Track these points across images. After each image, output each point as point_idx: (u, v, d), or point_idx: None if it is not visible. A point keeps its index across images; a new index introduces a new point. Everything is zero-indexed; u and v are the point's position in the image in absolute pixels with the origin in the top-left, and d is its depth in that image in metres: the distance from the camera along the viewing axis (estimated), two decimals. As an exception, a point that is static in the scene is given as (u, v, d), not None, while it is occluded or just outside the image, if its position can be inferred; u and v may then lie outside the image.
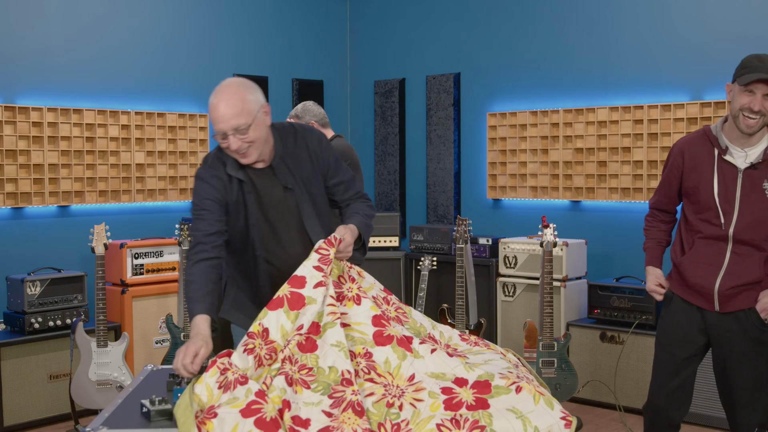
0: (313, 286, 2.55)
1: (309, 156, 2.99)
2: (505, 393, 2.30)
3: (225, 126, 2.72)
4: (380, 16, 6.96)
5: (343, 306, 2.59)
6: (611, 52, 5.63)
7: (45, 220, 5.38)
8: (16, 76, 5.23)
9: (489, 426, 2.20)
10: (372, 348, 2.48)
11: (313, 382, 2.34)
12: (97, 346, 4.57)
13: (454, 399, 2.29)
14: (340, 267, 2.69)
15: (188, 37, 6.07)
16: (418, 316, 2.74)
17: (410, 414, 2.25)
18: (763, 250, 3.16)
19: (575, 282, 5.41)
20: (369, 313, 2.57)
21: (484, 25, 6.30)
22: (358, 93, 7.15)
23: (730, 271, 3.18)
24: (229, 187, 2.88)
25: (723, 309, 3.21)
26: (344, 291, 2.64)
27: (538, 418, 2.21)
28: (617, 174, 5.53)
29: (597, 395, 5.18)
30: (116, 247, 5.24)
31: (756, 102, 3.05)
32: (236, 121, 2.71)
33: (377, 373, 2.42)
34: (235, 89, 2.75)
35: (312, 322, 2.47)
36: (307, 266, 2.59)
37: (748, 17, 5.06)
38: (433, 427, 2.21)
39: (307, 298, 2.52)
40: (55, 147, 5.32)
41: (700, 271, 3.23)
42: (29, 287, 4.85)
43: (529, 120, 5.96)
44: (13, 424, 4.76)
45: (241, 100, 2.73)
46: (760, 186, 3.13)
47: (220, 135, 2.75)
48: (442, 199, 6.57)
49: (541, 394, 2.30)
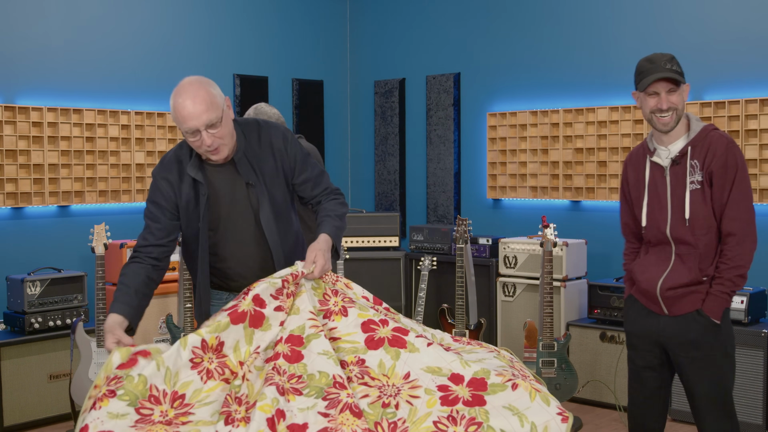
0: (273, 308, 2.53)
1: (272, 154, 2.94)
2: (501, 390, 2.30)
3: (197, 123, 2.69)
4: (380, 16, 6.96)
5: (332, 321, 2.57)
6: (611, 52, 5.63)
7: (45, 220, 5.38)
8: (16, 76, 5.23)
9: (486, 422, 2.20)
10: (364, 354, 2.47)
11: (304, 387, 2.33)
12: (97, 346, 4.56)
13: (450, 396, 2.29)
14: (322, 286, 2.66)
15: (188, 37, 6.07)
16: (408, 321, 2.72)
17: (407, 412, 2.25)
18: (697, 249, 3.08)
19: (575, 282, 5.41)
20: (357, 321, 2.56)
21: (484, 25, 6.30)
22: (358, 93, 7.15)
23: (672, 273, 3.12)
24: (179, 189, 2.87)
25: (671, 312, 3.14)
26: (330, 306, 2.61)
27: (534, 415, 2.22)
28: (617, 174, 5.53)
29: (597, 395, 5.18)
30: (116, 247, 5.24)
31: (662, 101, 3.07)
32: (207, 116, 2.70)
33: (371, 377, 2.41)
34: (198, 86, 2.74)
35: (291, 335, 2.45)
36: (267, 289, 2.55)
37: (748, 17, 5.06)
38: (429, 424, 2.21)
39: (266, 321, 2.50)
40: (55, 147, 5.32)
41: (648, 273, 3.19)
42: (29, 287, 4.86)
43: (529, 120, 5.96)
44: (13, 424, 4.75)
45: (208, 95, 2.72)
46: (684, 181, 3.10)
47: (190, 133, 2.73)
48: (442, 199, 6.57)
49: (537, 391, 2.30)
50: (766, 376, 4.53)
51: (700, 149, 3.07)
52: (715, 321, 3.08)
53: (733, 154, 3.05)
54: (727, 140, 3.08)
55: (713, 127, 3.13)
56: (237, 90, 6.32)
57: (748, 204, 3.08)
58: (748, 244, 3.06)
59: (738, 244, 3.04)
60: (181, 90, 2.75)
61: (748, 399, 4.57)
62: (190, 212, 2.89)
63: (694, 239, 3.08)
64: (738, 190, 3.05)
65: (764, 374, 4.53)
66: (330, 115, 7.04)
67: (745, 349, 4.56)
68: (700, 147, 3.08)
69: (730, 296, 3.08)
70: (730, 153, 3.05)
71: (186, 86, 2.75)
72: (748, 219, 3.07)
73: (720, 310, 3.08)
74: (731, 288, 3.06)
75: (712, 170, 3.05)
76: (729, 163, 3.04)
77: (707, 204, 3.07)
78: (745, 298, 4.64)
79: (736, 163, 3.05)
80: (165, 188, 2.87)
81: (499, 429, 2.19)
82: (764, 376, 4.53)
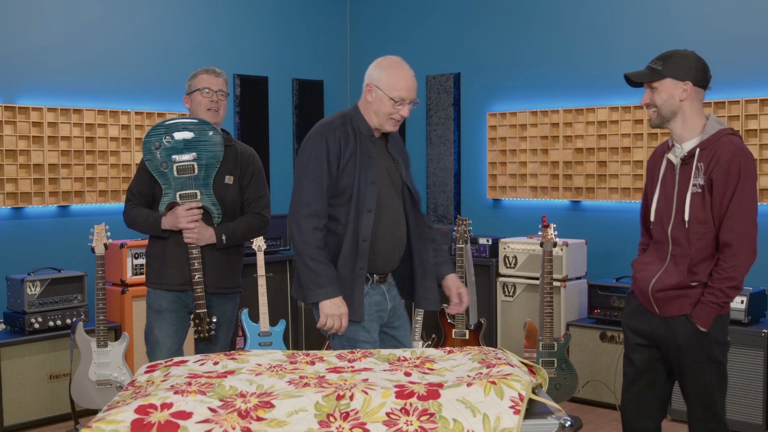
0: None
1: (402, 147, 3.46)
2: (455, 387, 2.35)
3: (412, 94, 3.23)
4: (380, 16, 6.96)
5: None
6: (611, 52, 5.63)
7: (45, 220, 5.38)
8: (16, 76, 5.24)
9: (438, 413, 2.24)
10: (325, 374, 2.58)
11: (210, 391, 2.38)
12: (97, 346, 4.56)
13: (405, 390, 2.33)
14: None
15: (188, 37, 6.07)
16: (386, 351, 2.83)
17: (361, 402, 2.28)
18: (689, 253, 3.03)
19: (575, 282, 5.41)
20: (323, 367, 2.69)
21: (484, 25, 6.30)
22: (358, 93, 7.10)
23: (664, 274, 3.08)
24: (347, 143, 3.25)
25: (662, 313, 3.10)
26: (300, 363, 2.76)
27: (487, 407, 2.26)
28: (617, 174, 5.53)
29: (597, 395, 5.18)
30: (116, 247, 5.24)
31: (645, 97, 3.10)
32: (415, 92, 3.24)
33: (328, 382, 2.46)
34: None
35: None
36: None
37: (748, 17, 5.06)
38: (382, 414, 2.24)
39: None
40: (55, 147, 5.32)
41: (644, 272, 3.16)
42: (29, 287, 4.86)
43: (529, 120, 5.96)
44: (13, 424, 4.76)
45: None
46: (688, 183, 3.05)
47: (399, 101, 3.21)
48: (442, 199, 6.57)
49: (493, 384, 2.32)
50: (766, 376, 4.53)
51: (708, 153, 3.01)
52: (701, 329, 3.03)
53: (737, 162, 2.96)
54: (735, 148, 2.98)
55: (729, 132, 3.05)
56: (237, 90, 6.32)
57: (747, 216, 2.98)
58: (744, 256, 2.97)
59: (733, 255, 2.97)
60: (400, 63, 3.29)
61: (748, 399, 4.57)
62: (353, 167, 3.24)
63: (688, 243, 3.03)
64: (738, 201, 2.96)
65: (764, 374, 4.53)
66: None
67: (745, 349, 4.57)
68: (709, 150, 3.01)
69: (721, 306, 3.01)
70: (734, 161, 2.96)
71: (402, 62, 3.30)
72: (745, 231, 2.98)
73: (709, 318, 3.01)
74: (722, 299, 2.99)
75: (713, 177, 2.98)
76: (731, 171, 2.96)
77: (706, 209, 3.00)
78: (745, 298, 4.64)
79: (738, 172, 2.96)
80: (333, 144, 3.23)
81: (451, 419, 2.22)
82: (764, 376, 4.53)
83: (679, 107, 3.08)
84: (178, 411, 2.21)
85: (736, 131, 3.09)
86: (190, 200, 3.68)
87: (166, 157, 3.68)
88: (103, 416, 2.21)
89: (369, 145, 3.26)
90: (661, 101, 3.06)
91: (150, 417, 2.18)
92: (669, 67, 3.06)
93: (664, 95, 3.06)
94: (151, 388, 2.44)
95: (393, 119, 3.25)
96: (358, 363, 2.70)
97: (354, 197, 3.18)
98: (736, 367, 4.57)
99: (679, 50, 3.10)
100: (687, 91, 3.07)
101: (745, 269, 2.99)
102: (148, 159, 3.70)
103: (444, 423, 2.21)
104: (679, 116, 3.09)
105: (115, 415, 2.19)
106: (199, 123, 3.72)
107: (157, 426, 2.14)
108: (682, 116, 3.09)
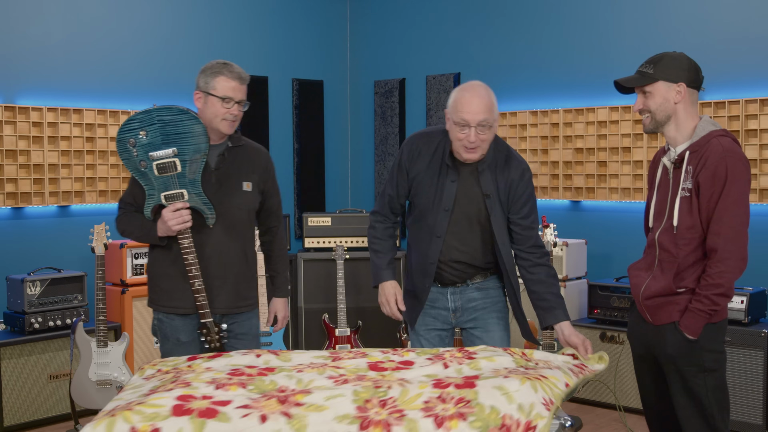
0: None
1: (507, 183, 3.27)
2: (491, 378, 2.43)
3: (473, 118, 3.08)
4: (380, 16, 6.96)
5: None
6: (611, 52, 5.63)
7: (45, 220, 5.38)
8: (16, 76, 5.24)
9: (475, 400, 2.29)
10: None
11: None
12: (97, 346, 4.56)
13: (442, 383, 2.41)
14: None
15: (188, 37, 6.07)
16: (431, 349, 2.93)
17: (398, 392, 2.36)
18: (676, 258, 2.93)
19: (575, 282, 5.41)
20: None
21: (484, 25, 6.30)
22: (358, 93, 7.15)
23: (652, 281, 2.99)
24: (432, 166, 3.29)
25: (654, 321, 3.00)
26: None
27: (521, 396, 2.32)
28: (617, 174, 5.53)
29: (597, 395, 5.18)
30: (116, 247, 5.24)
31: (638, 103, 3.00)
32: (483, 116, 3.08)
33: (367, 379, 2.55)
34: (486, 90, 3.15)
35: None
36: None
37: (748, 17, 5.06)
38: (420, 403, 2.30)
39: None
40: (55, 147, 5.32)
41: (636, 278, 3.08)
42: (29, 287, 4.86)
43: (529, 120, 5.96)
44: (13, 424, 4.76)
45: (491, 101, 3.12)
46: (678, 188, 2.94)
47: (461, 125, 3.11)
48: (442, 199, 6.56)
49: (528, 379, 2.39)
50: (766, 376, 4.53)
51: (697, 155, 2.88)
52: (689, 337, 2.92)
53: (725, 165, 2.82)
54: (723, 150, 2.84)
55: (720, 133, 2.92)
56: (237, 90, 6.31)
57: (734, 221, 2.83)
58: (732, 262, 2.83)
59: (719, 262, 2.83)
60: (471, 87, 3.15)
61: (748, 399, 4.57)
62: (434, 188, 3.28)
63: (676, 249, 2.92)
64: (724, 205, 2.82)
65: (764, 374, 4.53)
66: (330, 115, 7.04)
67: (745, 349, 4.57)
68: (698, 153, 2.88)
69: (709, 314, 2.87)
70: (721, 164, 2.82)
71: (477, 86, 3.15)
72: (732, 237, 2.83)
73: (697, 326, 2.89)
74: (710, 306, 2.86)
75: (699, 180, 2.86)
76: (718, 174, 2.82)
77: (693, 214, 2.88)
78: (745, 298, 4.64)
79: (726, 175, 2.82)
80: (424, 157, 3.31)
81: (488, 405, 2.26)
82: (764, 376, 4.53)
83: (674, 110, 2.95)
84: (219, 400, 2.29)
85: (730, 132, 2.97)
86: (176, 201, 3.25)
87: (144, 154, 3.22)
88: (143, 400, 2.29)
89: (450, 171, 3.27)
90: (656, 105, 2.94)
91: (190, 404, 2.25)
92: (661, 69, 2.92)
93: (658, 99, 2.94)
94: (191, 375, 2.52)
95: (462, 145, 3.19)
96: (399, 357, 2.77)
97: (425, 220, 3.34)
98: (736, 367, 4.57)
99: (668, 52, 2.97)
100: (681, 93, 2.93)
101: (734, 276, 2.85)
102: (125, 159, 3.23)
103: (480, 408, 2.26)
104: (672, 119, 2.96)
105: (156, 399, 2.27)
106: (177, 112, 3.25)
107: (197, 411, 2.21)
108: (675, 119, 2.96)
